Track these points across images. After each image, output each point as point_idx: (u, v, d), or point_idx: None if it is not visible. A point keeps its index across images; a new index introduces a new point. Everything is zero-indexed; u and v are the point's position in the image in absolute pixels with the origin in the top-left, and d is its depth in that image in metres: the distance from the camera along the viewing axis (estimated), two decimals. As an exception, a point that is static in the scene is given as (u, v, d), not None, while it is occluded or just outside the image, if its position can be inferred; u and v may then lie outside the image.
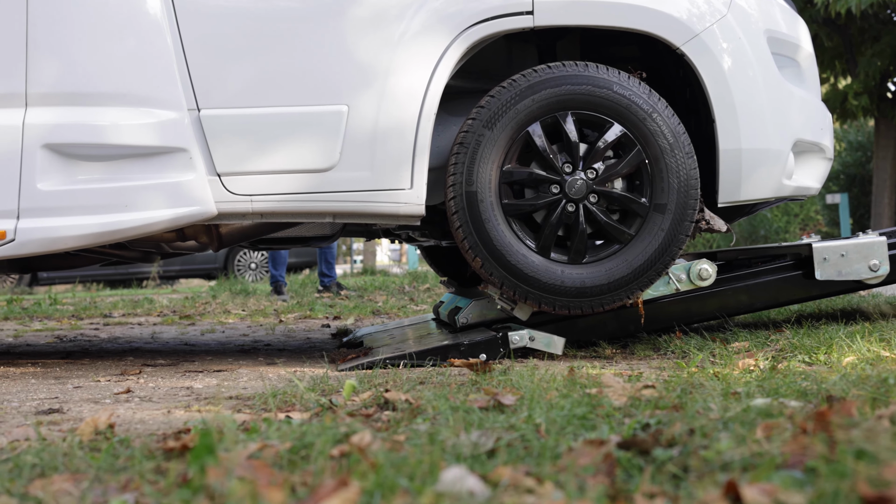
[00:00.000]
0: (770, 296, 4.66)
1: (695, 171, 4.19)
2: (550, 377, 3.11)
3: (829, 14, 20.05)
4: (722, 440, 1.91)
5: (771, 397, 2.47)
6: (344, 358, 4.45)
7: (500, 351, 4.19)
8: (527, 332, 4.22)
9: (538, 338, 4.25)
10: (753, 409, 2.24)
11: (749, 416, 2.17)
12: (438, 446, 1.96)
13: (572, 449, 1.92)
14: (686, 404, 2.42)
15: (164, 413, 3.02)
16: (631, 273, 4.19)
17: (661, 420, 2.21)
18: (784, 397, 2.53)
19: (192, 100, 4.12)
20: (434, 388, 3.13)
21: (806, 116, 4.59)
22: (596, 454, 1.85)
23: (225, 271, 18.97)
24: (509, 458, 1.93)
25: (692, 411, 2.29)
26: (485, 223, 4.15)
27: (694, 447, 1.90)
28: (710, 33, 4.27)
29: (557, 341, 4.26)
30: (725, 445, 1.85)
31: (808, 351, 3.75)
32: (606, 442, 1.96)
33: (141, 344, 6.02)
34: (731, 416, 2.17)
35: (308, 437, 2.09)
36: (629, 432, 2.10)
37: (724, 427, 2.07)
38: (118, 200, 4.09)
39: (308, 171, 4.14)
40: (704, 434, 2.02)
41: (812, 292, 4.70)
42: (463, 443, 2.02)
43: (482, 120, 4.17)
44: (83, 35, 4.12)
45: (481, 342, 4.21)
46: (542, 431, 2.16)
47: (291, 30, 4.16)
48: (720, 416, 2.20)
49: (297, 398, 3.06)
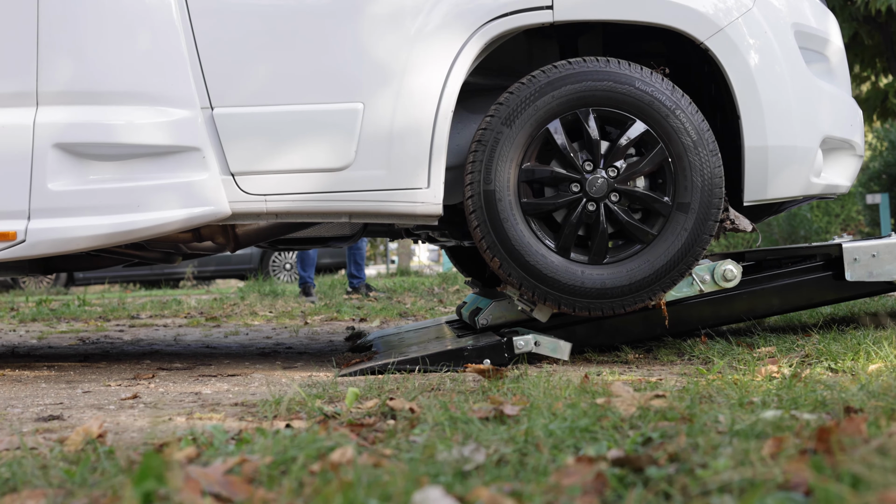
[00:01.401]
0: (799, 297, 4.54)
1: (719, 170, 4.08)
2: (563, 384, 3.01)
3: (870, 12, 19.76)
4: (720, 458, 1.80)
5: (783, 409, 2.36)
6: (347, 362, 4.36)
7: (505, 356, 4.08)
8: (532, 338, 4.11)
9: (544, 343, 4.13)
10: (763, 422, 2.13)
11: (759, 429, 2.06)
12: (421, 463, 1.86)
13: (562, 467, 1.82)
14: (695, 415, 2.32)
15: (165, 420, 2.94)
16: (653, 274, 4.08)
17: (667, 433, 2.11)
18: (802, 408, 2.42)
19: (206, 98, 4.05)
20: (443, 396, 3.04)
21: (835, 112, 4.46)
22: (587, 472, 1.75)
23: (259, 272, 18.96)
24: (498, 475, 1.83)
25: (700, 424, 2.18)
26: (503, 222, 4.05)
27: (692, 465, 1.79)
28: (735, 27, 4.15)
29: (564, 346, 4.14)
30: (723, 464, 1.75)
31: (833, 357, 3.63)
32: (599, 459, 1.86)
33: (162, 346, 5.96)
34: (740, 429, 2.06)
35: (290, 452, 2.00)
36: (631, 446, 2.00)
37: (731, 442, 1.96)
38: (130, 201, 4.03)
39: (323, 170, 4.07)
40: (707, 450, 1.92)
41: (842, 294, 4.57)
42: (453, 458, 1.93)
43: (501, 117, 4.07)
44: (94, 33, 4.06)
45: (485, 347, 4.10)
46: (540, 445, 2.06)
47: (305, 27, 4.08)
48: (728, 429, 2.09)
49: (301, 406, 2.97)
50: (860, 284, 4.44)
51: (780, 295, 4.49)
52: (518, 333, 4.15)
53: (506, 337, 4.12)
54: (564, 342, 4.15)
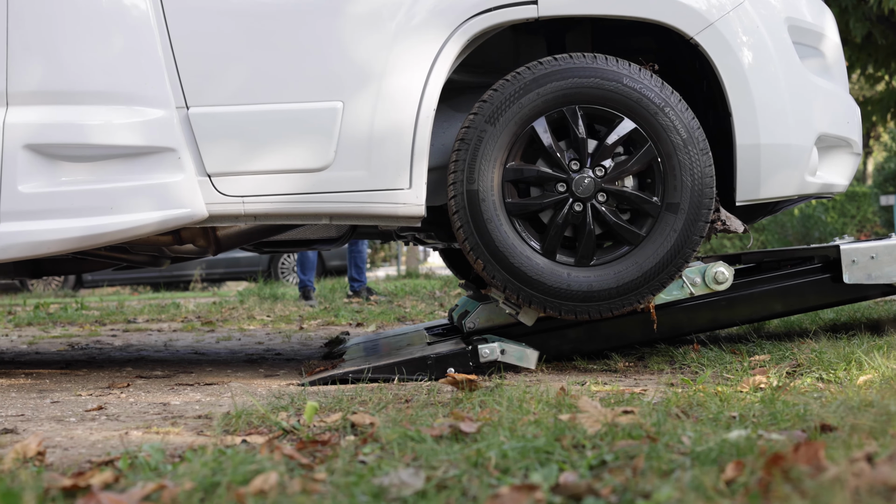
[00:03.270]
0: (795, 301, 4.40)
1: (710, 169, 3.94)
2: (537, 396, 2.88)
3: (883, 11, 19.57)
4: (665, 488, 1.67)
5: (752, 428, 2.22)
6: (312, 371, 4.25)
7: (470, 364, 3.95)
8: (498, 346, 3.98)
9: (510, 351, 3.99)
10: (728, 443, 1.99)
11: (724, 449, 1.93)
12: (354, 488, 1.74)
13: (497, 496, 1.69)
14: (661, 434, 2.19)
15: (121, 435, 2.82)
16: (641, 276, 3.95)
17: (628, 453, 1.98)
18: (780, 423, 2.29)
19: (181, 97, 3.94)
20: (410, 409, 2.91)
21: (831, 109, 4.32)
22: (523, 501, 1.62)
23: (263, 274, 18.88)
24: (434, 502, 1.70)
25: (663, 444, 2.05)
26: (487, 223, 3.93)
27: (633, 495, 1.67)
28: (727, 22, 4.02)
29: (531, 355, 4.01)
30: (666, 495, 1.62)
31: (826, 367, 3.49)
32: (538, 487, 1.73)
33: (151, 352, 5.85)
34: (702, 450, 1.93)
35: (216, 476, 1.88)
36: (585, 469, 1.88)
37: (692, 465, 1.83)
38: (103, 203, 3.92)
39: (302, 170, 3.95)
40: (662, 474, 1.78)
41: (841, 297, 4.44)
42: (391, 482, 1.80)
43: (484, 115, 3.95)
44: (65, 32, 3.96)
45: (449, 355, 3.97)
46: (489, 467, 1.93)
47: (281, 25, 3.97)
48: (689, 450, 1.96)
49: (262, 420, 2.85)
50: (859, 287, 4.31)
51: (775, 299, 4.35)
52: (486, 341, 4.01)
53: (471, 345, 3.99)
54: (532, 350, 4.02)
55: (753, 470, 1.75)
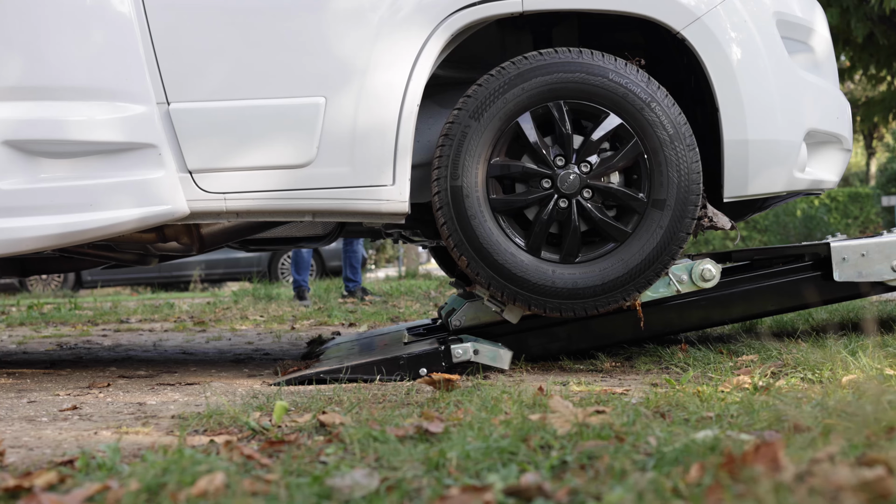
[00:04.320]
0: (786, 299, 4.34)
1: (697, 165, 3.89)
2: (514, 397, 2.84)
3: (885, 11, 19.48)
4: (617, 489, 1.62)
5: (721, 428, 2.17)
6: (286, 371, 4.20)
7: (443, 365, 3.90)
8: (471, 346, 3.93)
9: (483, 351, 3.94)
10: (696, 443, 1.94)
11: (692, 449, 1.88)
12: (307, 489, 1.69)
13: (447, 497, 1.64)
14: (629, 435, 2.14)
15: (90, 434, 2.78)
16: (627, 273, 3.90)
17: (590, 454, 1.93)
18: (756, 424, 2.24)
19: (162, 93, 3.89)
20: (383, 409, 2.86)
21: (820, 105, 4.26)
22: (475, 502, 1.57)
23: (268, 275, 18.84)
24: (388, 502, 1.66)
25: (630, 444, 2.00)
26: (471, 220, 3.88)
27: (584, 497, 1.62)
28: (714, 16, 3.96)
29: (504, 355, 3.96)
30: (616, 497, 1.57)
31: (811, 367, 3.44)
32: (489, 488, 1.69)
33: (139, 352, 5.81)
34: (668, 451, 1.87)
35: (164, 477, 1.83)
36: (547, 470, 1.83)
37: (655, 465, 1.78)
38: (83, 200, 3.87)
39: (284, 166, 3.90)
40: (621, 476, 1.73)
41: (832, 295, 4.37)
42: (345, 483, 1.76)
43: (469, 110, 3.90)
44: (45, 27, 3.91)
45: (421, 355, 3.93)
46: (450, 468, 1.89)
47: (263, 20, 3.92)
48: (655, 450, 1.91)
49: (233, 420, 2.81)
50: (849, 285, 4.25)
51: (765, 297, 4.30)
52: (461, 341, 3.97)
53: (445, 345, 3.94)
54: (505, 350, 3.98)
55: (709, 470, 1.69)
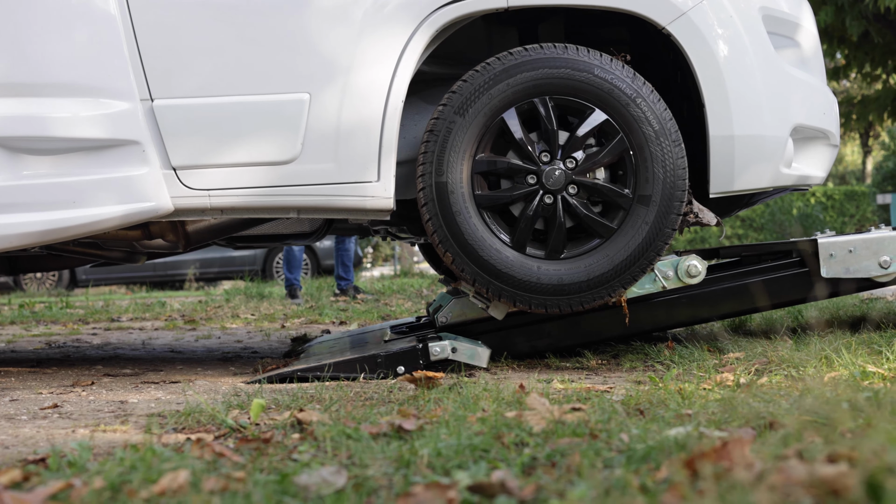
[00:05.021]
0: (772, 296, 4.31)
1: (682, 161, 3.88)
2: (494, 394, 2.82)
3: (879, 9, 19.43)
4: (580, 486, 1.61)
5: (692, 426, 2.16)
6: (265, 368, 4.19)
7: (420, 363, 3.88)
8: (448, 344, 3.91)
9: (461, 349, 3.92)
10: (669, 439, 1.93)
11: (664, 446, 1.86)
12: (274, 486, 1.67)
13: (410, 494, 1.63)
14: (603, 432, 2.12)
15: (68, 433, 2.78)
16: (612, 269, 3.88)
17: (562, 451, 1.91)
18: (733, 422, 2.23)
19: (145, 89, 3.87)
20: (363, 407, 2.84)
21: (807, 101, 4.24)
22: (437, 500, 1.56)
23: (263, 273, 18.82)
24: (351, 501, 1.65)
25: (604, 441, 1.99)
26: (456, 216, 3.87)
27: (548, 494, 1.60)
28: (699, 11, 3.95)
29: (482, 353, 3.94)
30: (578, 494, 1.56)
31: (796, 364, 3.42)
32: (454, 485, 1.67)
33: (127, 350, 5.79)
34: (640, 448, 1.86)
35: (131, 475, 1.81)
36: (518, 468, 1.82)
37: (625, 463, 1.77)
38: (66, 197, 3.85)
39: (268, 163, 3.89)
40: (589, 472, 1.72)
41: (819, 292, 4.35)
42: (313, 481, 1.74)
43: (454, 106, 3.88)
44: (28, 24, 3.88)
45: (398, 354, 3.91)
46: (422, 465, 1.87)
47: (247, 16, 3.90)
48: (626, 448, 1.90)
49: (211, 418, 2.79)
50: (836, 281, 4.23)
51: (752, 293, 4.27)
52: (440, 339, 3.95)
53: (422, 343, 3.93)
54: (483, 348, 3.96)
55: (677, 467, 1.68)
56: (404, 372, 3.83)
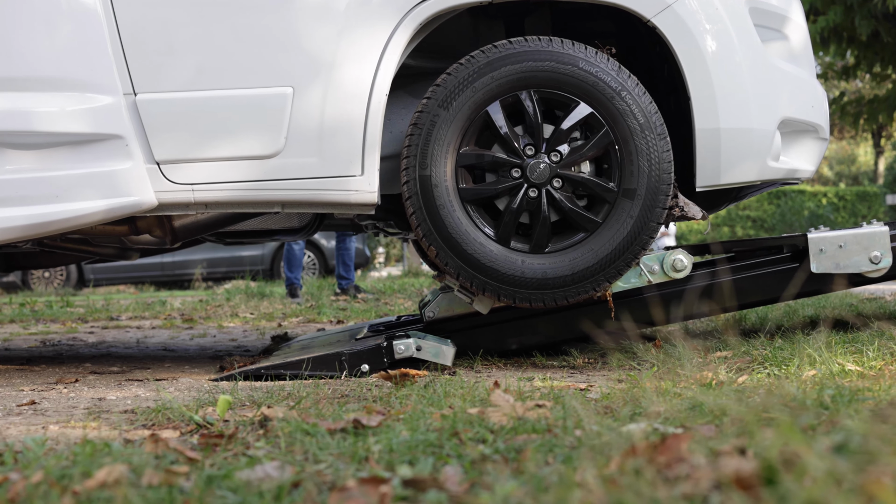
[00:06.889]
0: (762, 292, 4.28)
1: (668, 154, 3.85)
2: (466, 392, 2.81)
3: (888, 9, 19.34)
4: (506, 484, 1.60)
5: (647, 422, 2.13)
6: (231, 367, 4.19)
7: (385, 361, 3.87)
8: (413, 342, 3.89)
9: (426, 347, 3.91)
10: (625, 435, 1.91)
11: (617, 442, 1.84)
12: (216, 481, 1.65)
13: (343, 489, 1.61)
14: (561, 427, 2.10)
15: (38, 429, 2.77)
16: (597, 263, 3.86)
17: (520, 447, 1.90)
18: (698, 419, 2.21)
19: (129, 84, 3.86)
20: (336, 405, 2.83)
21: (795, 94, 4.21)
22: (371, 494, 1.55)
23: (270, 273, 18.83)
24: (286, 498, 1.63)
25: (556, 438, 1.98)
26: (440, 209, 3.84)
27: (480, 488, 1.59)
28: (684, 4, 3.92)
29: (447, 352, 3.92)
30: (507, 489, 1.55)
31: (779, 362, 3.39)
32: (388, 480, 1.66)
33: (121, 349, 5.78)
34: (593, 444, 1.84)
35: (72, 469, 1.80)
36: (468, 463, 1.80)
37: (567, 457, 1.76)
38: (49, 191, 3.84)
39: (252, 157, 3.87)
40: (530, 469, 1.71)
41: (810, 287, 4.30)
42: (257, 476, 1.73)
43: (438, 99, 3.86)
44: (10, 18, 3.87)
45: (363, 351, 3.90)
46: (372, 460, 1.85)
47: (230, 10, 3.89)
48: (578, 443, 1.88)
49: (180, 414, 2.78)
50: (827, 277, 4.19)
51: (742, 289, 4.23)
52: (406, 336, 3.93)
53: (387, 341, 3.91)
54: (448, 347, 3.94)
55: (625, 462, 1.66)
56: (369, 370, 3.83)
